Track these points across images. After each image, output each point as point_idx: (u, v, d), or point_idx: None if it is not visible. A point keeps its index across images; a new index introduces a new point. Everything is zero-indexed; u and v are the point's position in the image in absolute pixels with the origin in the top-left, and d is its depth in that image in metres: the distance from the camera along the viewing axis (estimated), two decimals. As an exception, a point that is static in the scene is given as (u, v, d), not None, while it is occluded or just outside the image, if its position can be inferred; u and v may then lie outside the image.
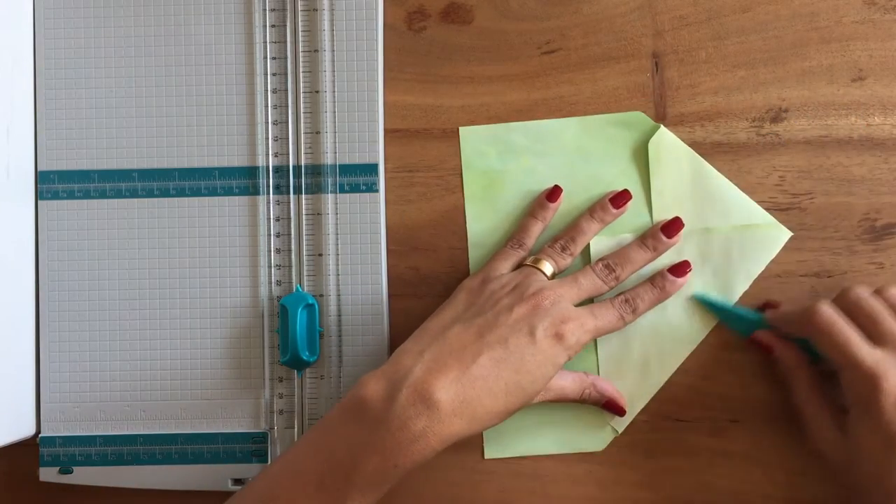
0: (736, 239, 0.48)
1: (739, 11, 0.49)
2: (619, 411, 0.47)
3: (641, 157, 0.49)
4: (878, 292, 0.44)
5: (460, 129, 0.50)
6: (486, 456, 0.48)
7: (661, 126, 0.49)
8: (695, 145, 0.49)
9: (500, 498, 0.49)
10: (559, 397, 0.45)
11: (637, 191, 0.49)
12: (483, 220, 0.49)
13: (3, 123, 0.47)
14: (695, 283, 0.48)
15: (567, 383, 0.46)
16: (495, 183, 0.49)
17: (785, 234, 0.48)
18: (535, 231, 0.48)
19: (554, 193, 0.48)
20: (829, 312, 0.43)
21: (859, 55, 0.49)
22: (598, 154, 0.49)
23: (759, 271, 0.48)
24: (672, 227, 0.47)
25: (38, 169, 0.49)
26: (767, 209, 0.49)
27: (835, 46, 0.49)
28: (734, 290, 0.48)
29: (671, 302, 0.48)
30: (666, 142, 0.49)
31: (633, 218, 0.49)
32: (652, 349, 0.48)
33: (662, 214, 0.48)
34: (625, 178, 0.49)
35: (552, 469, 0.49)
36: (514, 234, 0.48)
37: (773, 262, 0.49)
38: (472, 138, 0.50)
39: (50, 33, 0.50)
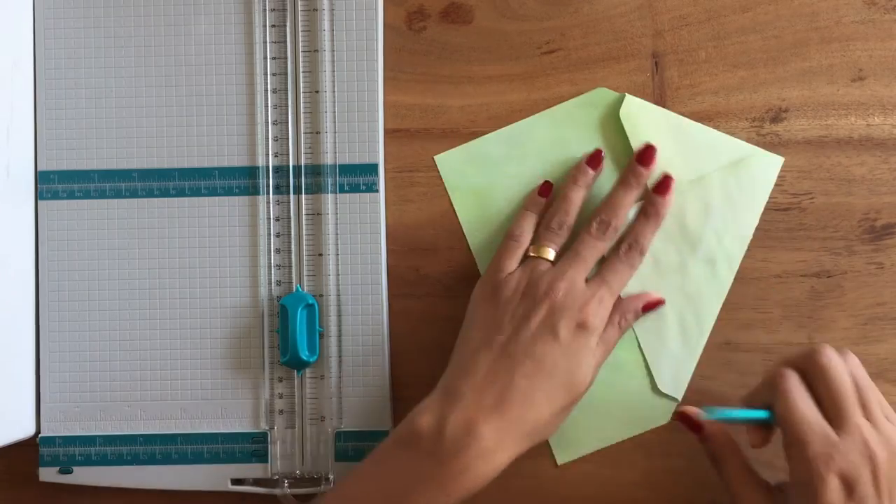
0: (731, 177, 0.48)
1: (739, 11, 0.49)
2: (657, 304, 0.47)
3: (617, 130, 0.49)
4: (842, 354, 0.42)
5: (435, 157, 0.50)
6: (559, 462, 0.48)
7: (626, 94, 0.49)
8: (695, 145, 0.49)
9: (501, 498, 0.49)
10: (620, 291, 0.46)
11: (624, 162, 0.49)
12: (483, 233, 0.49)
13: (3, 123, 0.47)
14: (707, 235, 0.48)
15: (616, 282, 0.46)
16: (484, 198, 0.49)
17: (777, 160, 0.48)
18: (530, 224, 0.48)
19: (544, 189, 0.48)
20: (792, 382, 0.41)
21: (859, 55, 0.49)
22: (575, 140, 0.49)
23: (764, 202, 0.48)
24: (645, 154, 0.47)
25: (38, 169, 0.49)
26: (767, 209, 0.49)
27: (835, 46, 0.49)
28: (746, 227, 0.48)
29: (690, 261, 0.48)
30: (635, 108, 0.49)
31: None
32: (686, 312, 0.48)
33: (654, 176, 0.48)
34: (608, 154, 0.49)
35: (552, 469, 0.49)
36: (509, 230, 0.48)
37: (772, 262, 0.49)
38: (450, 162, 0.50)
39: (50, 33, 0.50)
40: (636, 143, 0.48)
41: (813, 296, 0.48)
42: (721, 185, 0.48)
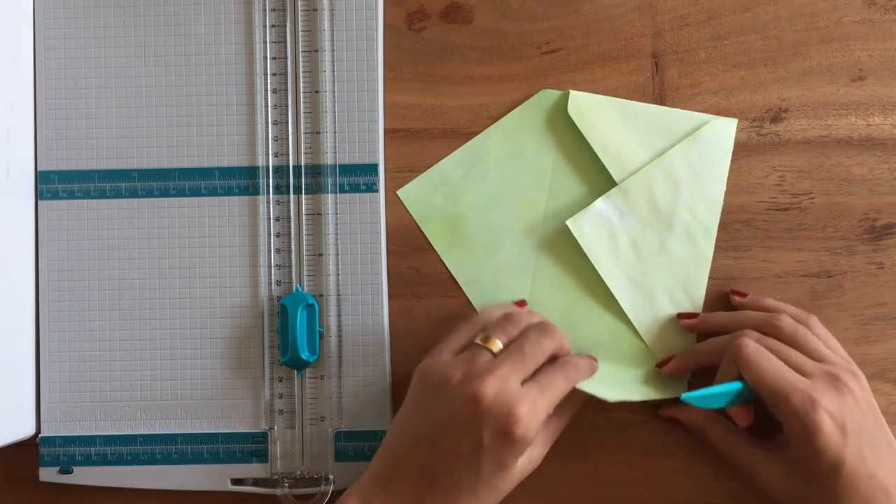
0: (691, 149, 0.48)
1: (739, 11, 0.49)
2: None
3: (570, 127, 0.49)
4: (802, 322, 0.44)
5: (398, 192, 0.50)
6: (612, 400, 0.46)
7: (570, 91, 0.49)
8: (695, 145, 0.49)
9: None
10: (556, 402, 0.43)
11: (584, 158, 0.49)
12: (463, 259, 0.49)
13: (3, 123, 0.47)
14: (680, 210, 0.48)
15: (553, 393, 0.42)
16: (456, 224, 0.49)
17: (731, 122, 0.49)
18: (497, 316, 0.46)
19: (520, 305, 0.48)
20: (753, 346, 0.43)
21: (859, 55, 0.49)
22: (529, 146, 0.49)
23: (727, 165, 0.49)
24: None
25: (38, 169, 0.49)
26: (767, 209, 0.49)
27: (835, 46, 0.49)
28: (715, 194, 0.49)
29: (668, 240, 0.48)
30: (581, 102, 0.49)
31: (596, 184, 0.49)
32: (675, 290, 0.48)
33: (617, 166, 0.48)
34: (564, 153, 0.49)
35: (552, 469, 0.49)
36: (478, 315, 0.46)
37: (772, 262, 0.49)
38: (413, 194, 0.50)
39: (50, 33, 0.50)
40: (591, 137, 0.48)
41: (813, 296, 0.48)
42: (683, 159, 0.48)
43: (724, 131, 0.49)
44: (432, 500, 0.41)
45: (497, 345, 0.43)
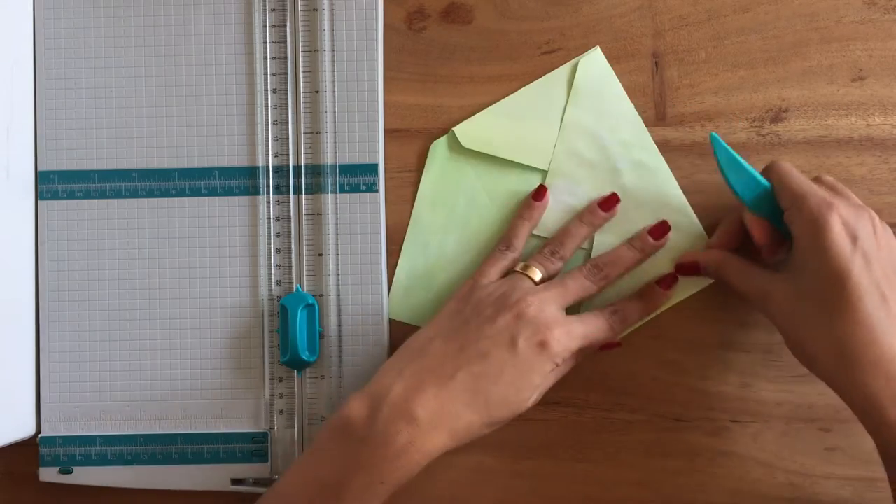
0: (578, 98, 0.49)
1: (739, 11, 0.49)
2: (614, 346, 0.47)
3: (477, 156, 0.49)
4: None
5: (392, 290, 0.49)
6: None
7: (452, 129, 0.49)
8: (695, 145, 0.49)
9: (501, 498, 0.49)
10: (590, 344, 0.45)
11: (510, 172, 0.49)
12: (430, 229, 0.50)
13: (3, 123, 0.47)
14: (612, 150, 0.49)
15: (591, 330, 0.44)
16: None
17: (594, 52, 0.49)
18: (524, 231, 0.48)
19: (539, 192, 0.48)
20: (787, 165, 0.43)
21: (859, 55, 0.49)
22: (459, 196, 0.49)
23: (618, 84, 0.49)
24: (658, 229, 0.47)
25: (38, 169, 0.49)
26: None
27: (835, 46, 0.49)
28: (628, 115, 0.49)
29: (624, 180, 0.48)
30: (468, 130, 0.49)
31: (534, 184, 0.49)
32: (657, 211, 0.48)
33: (537, 157, 0.49)
34: (489, 179, 0.49)
35: (552, 469, 0.49)
36: (503, 236, 0.48)
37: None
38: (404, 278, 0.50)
39: (50, 33, 0.50)
40: (498, 151, 0.49)
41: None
42: (580, 110, 0.49)
43: (593, 63, 0.49)
44: (449, 396, 0.41)
45: (536, 273, 0.46)
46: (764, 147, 0.49)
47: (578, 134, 0.49)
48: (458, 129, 0.49)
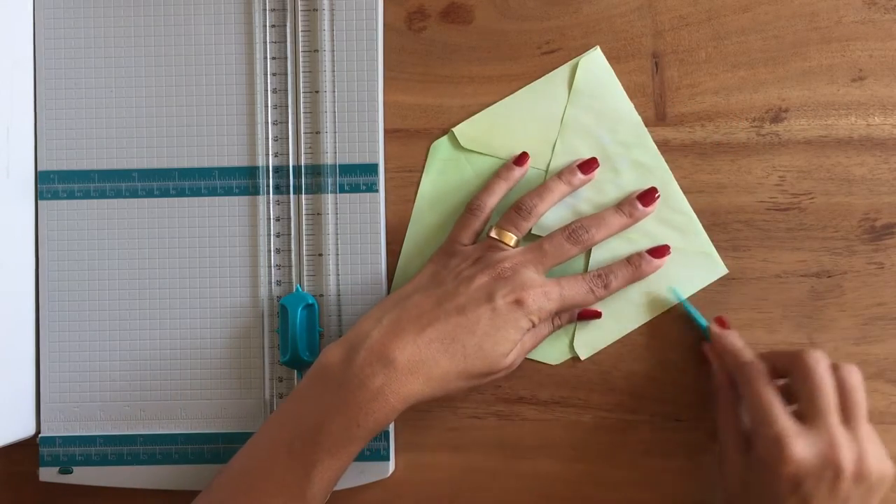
0: (578, 98, 0.49)
1: (739, 11, 0.49)
2: (593, 315, 0.48)
3: (478, 156, 0.49)
4: (835, 369, 0.42)
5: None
6: (582, 358, 0.48)
7: (452, 129, 0.49)
8: (695, 145, 0.49)
9: (501, 498, 0.49)
10: (569, 307, 0.45)
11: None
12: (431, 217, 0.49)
13: (3, 123, 0.47)
14: (612, 151, 0.49)
15: (568, 293, 0.45)
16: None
17: (595, 50, 0.49)
18: (498, 190, 0.48)
19: (521, 158, 0.48)
20: (757, 369, 0.43)
21: (859, 55, 0.49)
22: (455, 197, 0.49)
23: (618, 84, 0.49)
24: (647, 195, 0.47)
25: (38, 169, 0.49)
26: (767, 209, 0.49)
27: (835, 46, 0.49)
28: (627, 113, 0.49)
29: (623, 179, 0.48)
30: (467, 130, 0.49)
31: (534, 185, 0.49)
32: (662, 214, 0.48)
33: (537, 158, 0.49)
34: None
35: (552, 469, 0.49)
36: (476, 195, 0.48)
37: (773, 262, 0.49)
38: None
39: (50, 33, 0.50)
40: (498, 153, 0.49)
41: (813, 296, 0.48)
42: (580, 110, 0.49)
43: (593, 63, 0.49)
44: (428, 342, 0.42)
45: (510, 238, 0.46)
46: (764, 147, 0.49)
47: (578, 134, 0.49)
48: (458, 130, 0.49)
